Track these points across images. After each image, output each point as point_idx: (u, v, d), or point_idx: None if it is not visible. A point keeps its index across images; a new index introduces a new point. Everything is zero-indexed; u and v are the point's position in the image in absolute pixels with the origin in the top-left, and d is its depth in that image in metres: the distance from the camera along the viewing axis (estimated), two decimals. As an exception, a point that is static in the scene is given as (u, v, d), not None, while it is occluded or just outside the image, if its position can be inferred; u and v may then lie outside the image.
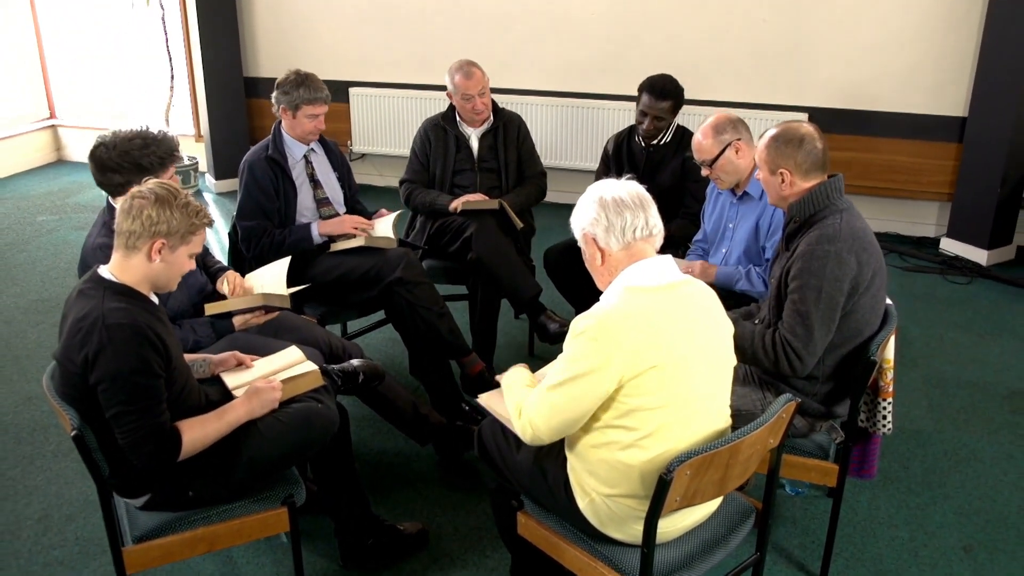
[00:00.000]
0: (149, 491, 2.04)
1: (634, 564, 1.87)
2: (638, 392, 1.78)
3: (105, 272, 1.99)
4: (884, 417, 2.45)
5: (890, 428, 2.46)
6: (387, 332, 3.68)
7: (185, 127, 6.45)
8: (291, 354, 2.41)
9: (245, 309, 2.58)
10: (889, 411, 2.44)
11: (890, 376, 2.42)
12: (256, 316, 2.61)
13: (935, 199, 5.22)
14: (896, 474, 3.00)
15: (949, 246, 5.08)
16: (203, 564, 2.54)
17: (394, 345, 3.75)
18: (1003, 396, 3.53)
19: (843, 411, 2.37)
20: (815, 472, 2.36)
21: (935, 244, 5.19)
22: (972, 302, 4.46)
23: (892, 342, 2.38)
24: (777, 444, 1.97)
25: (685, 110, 3.60)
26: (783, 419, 1.92)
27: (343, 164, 3.46)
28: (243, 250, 3.23)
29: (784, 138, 2.33)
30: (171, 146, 2.51)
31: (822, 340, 2.23)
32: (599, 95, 5.56)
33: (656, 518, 1.76)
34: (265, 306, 2.61)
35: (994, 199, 4.81)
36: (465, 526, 2.72)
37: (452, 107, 3.63)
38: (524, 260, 3.50)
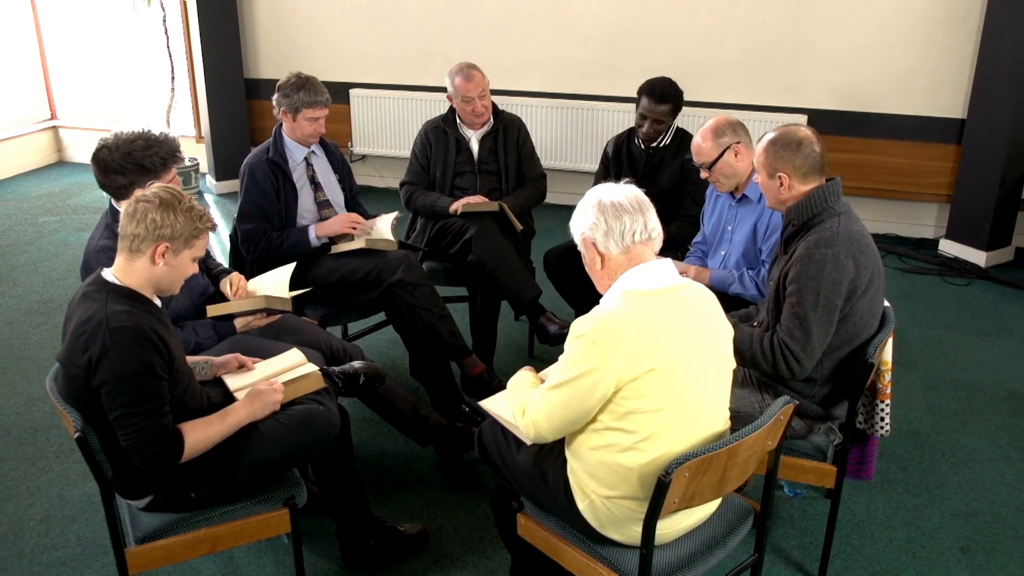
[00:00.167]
0: (152, 492, 2.06)
1: (633, 565, 1.88)
2: (637, 394, 1.79)
3: (109, 275, 2.00)
4: (882, 419, 2.46)
5: (888, 430, 2.47)
6: (388, 334, 3.69)
7: (186, 128, 6.46)
8: (292, 356, 2.42)
9: (246, 311, 2.60)
10: (887, 413, 2.46)
11: (888, 378, 2.43)
12: (257, 318, 2.63)
13: (934, 201, 5.24)
14: (894, 475, 3.01)
15: (948, 247, 5.09)
16: (205, 565, 2.55)
17: (395, 346, 3.76)
18: (1001, 398, 3.55)
19: (841, 413, 2.38)
20: (813, 474, 2.37)
21: (934, 245, 5.20)
22: (971, 303, 4.47)
23: (890, 344, 2.40)
24: (775, 446, 1.99)
25: (685, 112, 3.61)
26: (781, 421, 1.94)
27: (343, 166, 3.47)
28: (243, 252, 3.24)
29: (782, 142, 2.34)
30: (173, 147, 2.52)
31: (820, 343, 2.24)
32: (599, 97, 5.57)
33: (655, 520, 1.77)
34: (266, 308, 2.63)
35: (993, 200, 4.82)
36: (465, 527, 2.73)
37: (452, 109, 3.64)
38: (524, 262, 3.50)
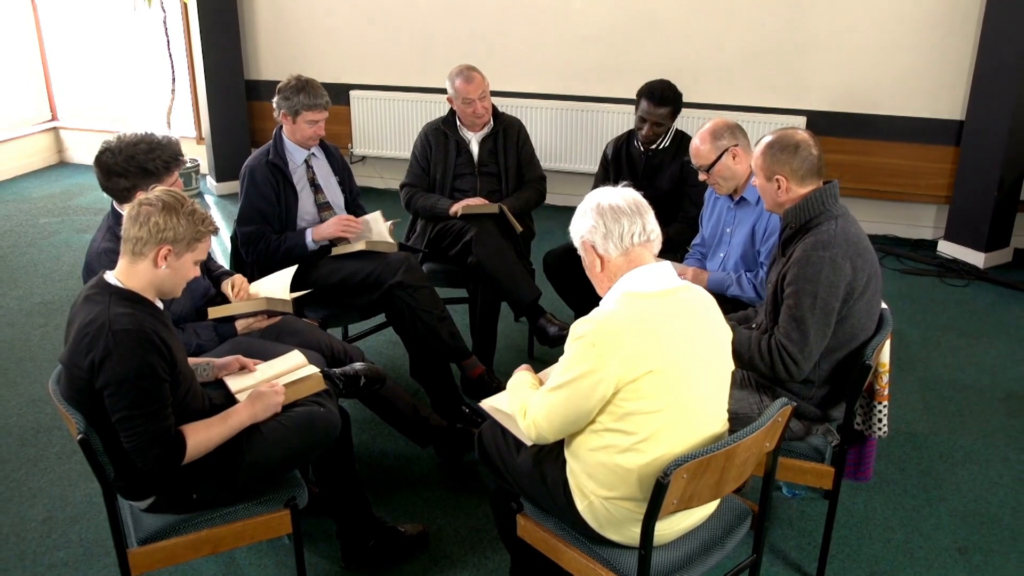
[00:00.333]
0: (154, 494, 2.07)
1: (632, 566, 1.89)
2: (635, 396, 1.81)
3: (111, 278, 2.02)
4: (880, 420, 2.47)
5: (885, 431, 2.48)
6: (388, 335, 3.71)
7: (186, 129, 6.48)
8: (293, 358, 2.44)
9: (247, 313, 2.62)
10: (884, 414, 2.47)
11: (885, 380, 2.44)
12: (258, 320, 2.64)
13: (933, 202, 5.25)
14: (892, 476, 3.03)
15: (947, 249, 5.10)
16: (206, 565, 2.56)
17: (395, 348, 3.77)
18: (999, 399, 3.56)
19: (839, 414, 2.39)
20: (811, 475, 2.38)
21: (933, 247, 5.21)
22: (969, 304, 4.48)
23: (887, 346, 2.41)
24: (773, 447, 2.00)
25: (684, 113, 3.62)
26: (779, 423, 1.95)
27: (344, 168, 3.48)
28: (242, 255, 3.26)
29: (780, 145, 2.36)
30: (175, 150, 2.54)
31: (817, 345, 2.26)
32: (598, 98, 5.58)
33: (653, 520, 1.79)
34: (267, 310, 2.64)
35: (991, 202, 4.83)
36: (465, 528, 2.74)
37: (452, 112, 3.65)
38: (524, 264, 3.52)
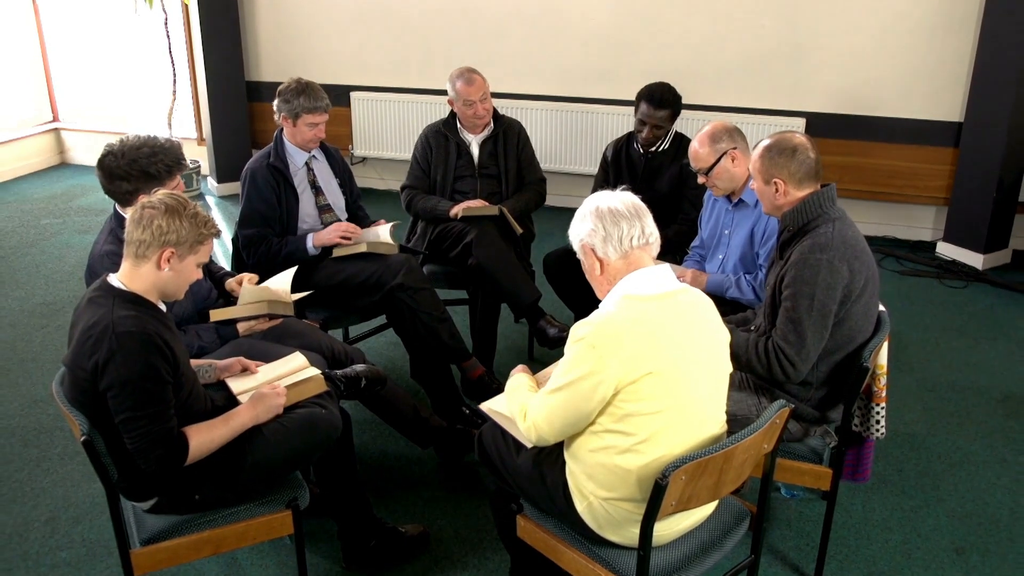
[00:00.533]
0: (156, 495, 2.08)
1: (631, 566, 1.90)
2: (634, 397, 1.82)
3: (114, 280, 2.03)
4: (877, 422, 2.49)
5: (883, 433, 2.50)
6: (389, 336, 3.72)
7: (187, 131, 6.49)
8: (295, 360, 2.45)
9: (249, 316, 2.63)
10: (882, 416, 2.48)
11: (883, 382, 2.45)
12: (260, 322, 2.66)
13: (932, 203, 5.26)
14: (890, 477, 3.04)
15: (945, 250, 5.12)
16: (208, 566, 2.58)
17: (395, 349, 3.79)
18: (997, 400, 3.57)
19: (837, 416, 2.41)
20: (809, 476, 2.40)
21: (932, 248, 5.22)
22: (968, 306, 4.50)
23: (885, 348, 2.42)
24: (771, 449, 2.02)
25: (684, 115, 3.64)
26: (777, 425, 1.96)
27: (344, 170, 3.49)
28: (243, 257, 3.27)
29: (778, 148, 2.37)
30: (178, 154, 2.55)
31: (814, 347, 2.27)
32: (598, 100, 5.59)
33: (652, 522, 1.80)
34: (268, 313, 2.65)
35: (990, 203, 4.85)
36: (465, 528, 2.76)
37: (453, 114, 3.67)
38: (524, 265, 3.53)
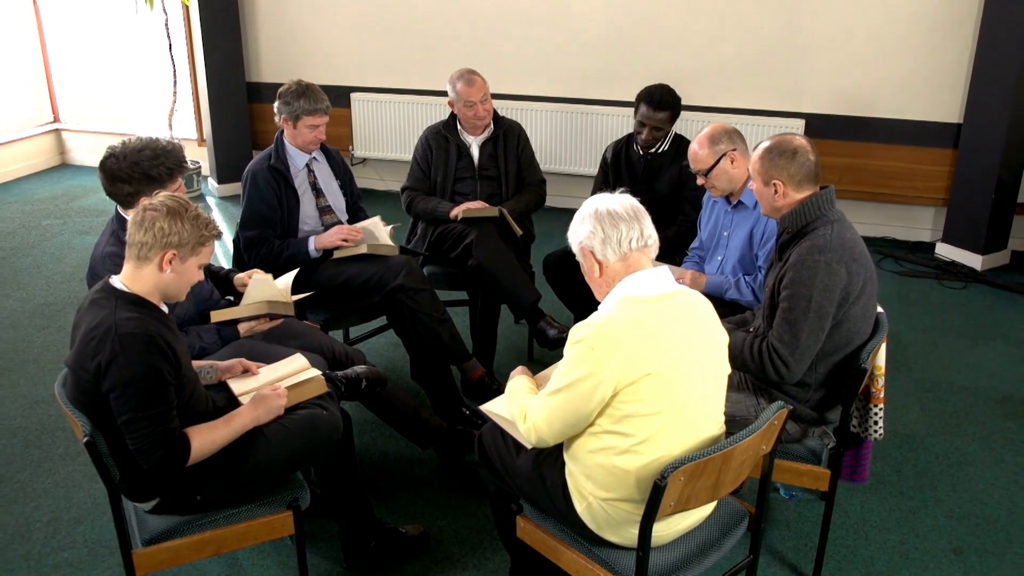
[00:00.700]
0: (158, 495, 2.10)
1: (630, 567, 1.92)
2: (633, 399, 1.83)
3: (117, 282, 2.04)
4: (876, 423, 2.50)
5: (881, 433, 2.51)
6: (389, 337, 3.73)
7: (188, 131, 6.50)
8: (296, 361, 2.46)
9: (249, 317, 2.64)
10: (880, 417, 2.49)
11: (881, 383, 2.46)
12: (260, 323, 2.67)
13: (931, 204, 5.28)
14: (888, 478, 3.05)
15: (944, 251, 5.13)
16: (210, 566, 2.59)
17: (396, 349, 3.80)
18: (995, 401, 3.58)
19: (835, 417, 2.42)
20: (807, 477, 2.41)
21: (931, 249, 5.24)
22: (966, 307, 4.51)
23: (883, 349, 2.43)
24: (770, 450, 2.03)
25: (683, 116, 3.65)
26: (775, 426, 1.97)
27: (345, 171, 3.50)
28: (245, 259, 3.28)
29: (778, 150, 2.38)
30: (179, 157, 2.56)
31: (809, 349, 2.28)
32: (598, 101, 5.60)
33: (651, 522, 1.81)
34: (269, 313, 2.67)
35: (989, 204, 4.86)
36: (465, 529, 2.77)
37: (453, 115, 3.68)
38: (524, 267, 3.54)
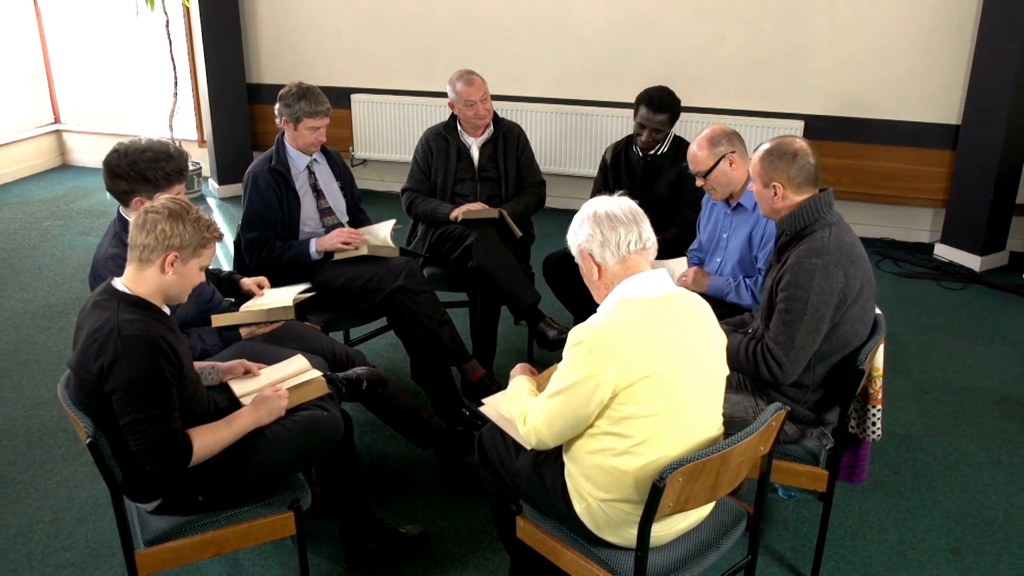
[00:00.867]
0: (160, 496, 2.11)
1: (629, 567, 1.93)
2: (632, 400, 1.85)
3: (119, 284, 2.06)
4: (874, 423, 2.51)
5: (879, 434, 2.52)
6: (389, 338, 3.74)
7: (188, 132, 6.52)
8: (297, 363, 2.48)
9: (249, 322, 2.65)
10: (878, 418, 2.51)
11: (879, 384, 2.48)
12: (261, 326, 2.68)
13: (929, 205, 5.29)
14: (887, 478, 3.06)
15: (943, 252, 5.14)
16: (211, 566, 2.60)
17: (396, 350, 3.81)
18: (993, 401, 3.59)
19: (833, 418, 2.44)
20: (806, 477, 2.42)
21: (929, 250, 5.25)
22: (965, 308, 4.52)
23: (881, 351, 2.45)
24: (768, 451, 2.04)
25: (683, 118, 3.66)
26: (773, 427, 1.99)
27: (345, 173, 3.52)
28: (246, 260, 3.29)
29: (778, 152, 2.40)
30: (179, 165, 2.56)
31: (804, 350, 2.29)
32: (598, 102, 5.62)
33: (650, 523, 1.83)
34: (269, 319, 2.68)
35: (987, 205, 4.87)
36: (465, 529, 2.78)
37: (453, 117, 3.69)
38: (523, 268, 3.55)
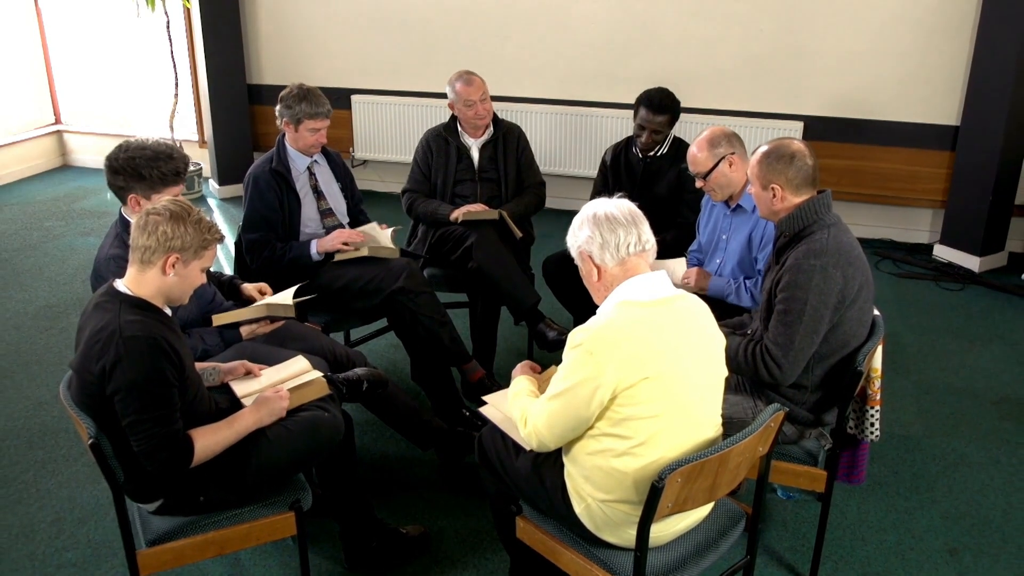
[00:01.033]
0: (162, 496, 2.12)
1: (628, 567, 1.94)
2: (631, 402, 1.85)
3: (121, 286, 2.07)
4: (872, 424, 2.52)
5: (878, 435, 2.53)
6: (389, 338, 3.75)
7: (189, 133, 6.53)
8: (298, 363, 2.49)
9: (250, 320, 2.66)
10: (877, 418, 2.52)
11: (878, 384, 2.49)
12: (262, 326, 2.69)
13: (928, 206, 5.29)
14: (885, 479, 3.07)
15: (942, 253, 5.15)
16: (213, 566, 2.61)
17: (396, 351, 3.82)
18: (992, 402, 3.60)
19: (832, 419, 2.44)
20: (804, 478, 2.43)
21: (928, 251, 5.26)
22: (964, 308, 4.53)
23: (879, 352, 2.46)
24: (766, 452, 2.05)
25: (682, 119, 3.67)
26: (771, 428, 2.00)
27: (346, 174, 3.53)
28: (247, 261, 3.30)
29: (776, 154, 2.40)
30: (177, 167, 2.56)
31: (803, 351, 2.30)
32: (598, 103, 5.62)
33: (649, 523, 1.83)
34: (269, 316, 2.69)
35: (986, 206, 4.88)
36: (465, 529, 2.79)
37: (453, 118, 3.70)
38: (523, 269, 3.56)
